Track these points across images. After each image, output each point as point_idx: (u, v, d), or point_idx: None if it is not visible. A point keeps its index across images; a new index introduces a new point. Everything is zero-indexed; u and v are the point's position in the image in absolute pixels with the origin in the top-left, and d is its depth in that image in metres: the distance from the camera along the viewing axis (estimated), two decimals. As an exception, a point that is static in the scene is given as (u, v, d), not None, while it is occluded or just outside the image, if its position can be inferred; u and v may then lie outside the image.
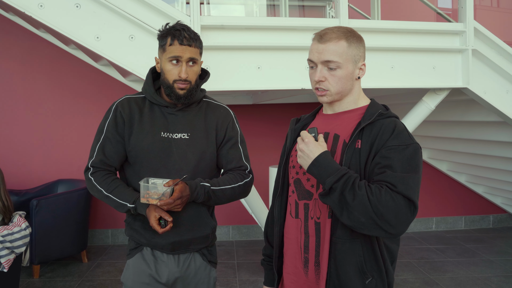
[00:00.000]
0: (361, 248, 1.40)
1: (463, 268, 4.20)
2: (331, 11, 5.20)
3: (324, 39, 1.45)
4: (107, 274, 4.06)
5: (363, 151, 1.40)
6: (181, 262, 1.80)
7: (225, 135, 1.83)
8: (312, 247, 1.47)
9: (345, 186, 1.32)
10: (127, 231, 1.85)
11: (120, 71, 4.14)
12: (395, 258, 1.49)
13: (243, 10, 5.47)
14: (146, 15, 2.75)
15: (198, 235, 1.79)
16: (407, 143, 1.37)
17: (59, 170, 4.82)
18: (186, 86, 1.69)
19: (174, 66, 1.69)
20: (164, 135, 1.74)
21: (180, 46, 1.67)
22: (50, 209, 3.91)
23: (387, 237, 1.41)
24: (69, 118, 4.87)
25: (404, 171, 1.33)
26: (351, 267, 1.40)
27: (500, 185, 5.01)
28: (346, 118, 1.50)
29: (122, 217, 4.99)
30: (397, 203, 1.29)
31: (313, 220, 1.47)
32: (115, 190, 1.72)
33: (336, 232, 1.41)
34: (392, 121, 1.43)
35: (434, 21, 3.80)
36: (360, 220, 1.31)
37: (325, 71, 1.45)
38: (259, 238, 5.23)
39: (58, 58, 4.80)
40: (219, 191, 1.74)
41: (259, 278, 3.98)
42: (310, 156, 1.39)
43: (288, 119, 5.23)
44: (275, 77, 2.89)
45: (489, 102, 3.20)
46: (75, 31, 2.69)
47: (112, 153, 1.75)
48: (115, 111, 1.78)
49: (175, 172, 1.72)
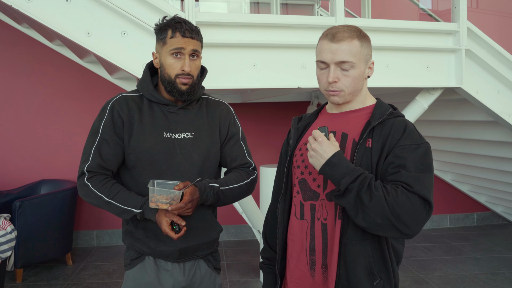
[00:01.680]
0: (370, 249, 1.38)
1: (451, 266, 4.24)
2: (319, 9, 5.18)
3: (337, 39, 1.41)
4: (94, 277, 3.95)
5: (374, 151, 1.37)
6: (187, 270, 1.71)
7: (228, 132, 1.75)
8: (319, 249, 1.44)
9: (361, 186, 1.29)
10: (127, 241, 1.71)
11: (107, 69, 4.03)
12: (401, 258, 1.47)
13: (226, 8, 5.41)
14: (139, 10, 2.67)
15: (206, 240, 1.72)
16: (418, 143, 1.36)
17: (42, 170, 4.68)
18: (189, 81, 1.60)
19: (176, 59, 1.59)
20: (167, 135, 1.64)
21: (182, 38, 1.58)
22: (34, 211, 3.78)
23: (402, 238, 1.39)
24: (52, 117, 4.73)
25: (418, 170, 1.32)
26: (361, 268, 1.37)
27: (485, 183, 5.09)
28: (353, 117, 1.47)
29: (107, 217, 4.88)
30: (414, 204, 1.27)
31: (320, 221, 1.44)
32: (117, 196, 1.58)
33: (347, 234, 1.38)
34: (402, 120, 1.41)
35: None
36: (376, 221, 1.28)
37: (338, 72, 1.42)
38: (247, 238, 5.19)
39: (41, 55, 4.66)
40: (228, 191, 1.65)
41: (249, 279, 3.93)
42: (324, 156, 1.35)
43: (277, 118, 5.21)
44: (271, 75, 2.85)
45: (481, 101, 3.23)
46: (65, 26, 2.59)
47: (110, 156, 1.61)
48: (111, 110, 1.64)
49: (180, 174, 1.63)
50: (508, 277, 3.92)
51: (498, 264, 4.27)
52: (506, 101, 3.35)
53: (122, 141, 1.63)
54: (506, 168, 4.36)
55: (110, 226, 4.91)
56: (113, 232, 4.93)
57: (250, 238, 5.19)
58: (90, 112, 4.78)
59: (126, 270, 1.72)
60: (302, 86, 2.88)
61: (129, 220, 1.68)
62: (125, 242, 1.72)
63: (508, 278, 3.89)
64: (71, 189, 4.09)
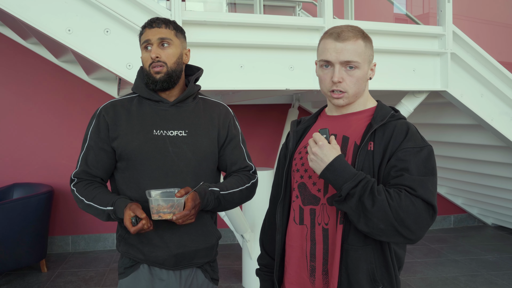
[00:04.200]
0: (372, 255, 1.34)
1: (431, 268, 4.28)
2: (300, 12, 5.17)
3: (342, 38, 1.38)
4: (70, 284, 3.80)
5: (376, 154, 1.34)
6: (183, 280, 1.63)
7: (228, 135, 1.69)
8: (320, 255, 1.39)
9: (363, 191, 1.26)
10: (120, 247, 1.64)
11: (85, 68, 3.90)
12: (402, 264, 1.44)
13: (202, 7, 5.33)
14: (122, 7, 2.57)
15: (203, 246, 1.64)
16: (421, 145, 1.33)
17: (14, 173, 4.49)
18: (162, 69, 1.57)
19: (147, 52, 1.60)
20: (157, 132, 1.58)
21: (149, 30, 1.60)
22: (6, 216, 3.61)
23: (405, 243, 1.36)
24: (25, 117, 4.54)
25: (421, 174, 1.29)
26: (363, 275, 1.33)
27: (462, 186, 5.17)
28: (354, 120, 1.44)
29: (83, 222, 4.73)
30: (418, 208, 1.25)
31: (321, 226, 1.39)
32: (96, 197, 1.55)
33: (348, 239, 1.34)
34: (404, 123, 1.39)
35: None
36: (379, 226, 1.25)
37: (343, 72, 1.38)
38: (228, 242, 5.12)
39: (15, 53, 4.48)
40: (229, 195, 1.60)
41: (231, 284, 3.87)
42: (325, 160, 1.31)
43: (258, 120, 5.16)
44: (258, 76, 2.79)
45: (465, 105, 3.26)
46: (44, 22, 2.46)
47: (95, 162, 1.60)
48: (98, 116, 1.63)
49: (172, 174, 1.56)
50: (487, 278, 3.97)
51: (477, 265, 4.33)
52: (489, 105, 3.39)
53: (108, 146, 1.60)
54: (484, 170, 4.44)
55: (86, 231, 4.75)
56: (89, 237, 4.77)
57: (231, 242, 5.12)
58: (65, 113, 4.62)
59: (119, 279, 1.64)
60: (290, 88, 2.83)
61: (122, 225, 1.62)
62: (119, 249, 1.65)
63: (487, 279, 3.95)
64: (46, 193, 3.93)
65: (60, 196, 4.61)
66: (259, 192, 1.90)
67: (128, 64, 2.58)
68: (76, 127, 4.59)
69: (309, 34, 2.90)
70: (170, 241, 1.58)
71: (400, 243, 1.36)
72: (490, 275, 4.06)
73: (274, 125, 5.17)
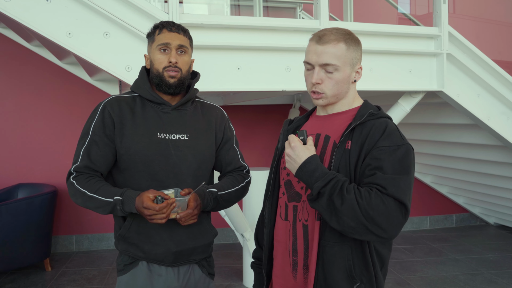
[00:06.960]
0: (350, 252, 1.37)
1: (431, 267, 4.30)
2: (301, 13, 5.20)
3: (323, 41, 1.41)
4: (73, 282, 3.87)
5: (352, 152, 1.36)
6: (181, 275, 1.68)
7: (223, 137, 1.77)
8: (301, 250, 1.44)
9: (333, 190, 1.29)
10: (120, 246, 1.68)
11: (88, 70, 3.96)
12: (385, 263, 1.45)
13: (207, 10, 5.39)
14: (122, 11, 2.62)
15: (201, 244, 1.70)
16: (398, 144, 1.35)
17: (19, 173, 4.56)
18: (177, 74, 1.62)
19: (164, 54, 1.63)
20: (160, 136, 1.63)
21: (169, 33, 1.63)
22: (11, 215, 3.68)
23: (379, 241, 1.38)
24: (30, 119, 4.62)
25: (395, 172, 1.30)
26: (339, 271, 1.37)
27: (463, 185, 5.17)
28: (338, 119, 1.47)
29: (87, 222, 4.79)
30: (388, 206, 1.26)
31: (301, 222, 1.44)
32: (100, 189, 1.55)
33: (325, 235, 1.38)
34: (384, 121, 1.40)
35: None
36: (349, 224, 1.28)
37: (322, 74, 1.42)
38: (230, 241, 5.16)
39: (19, 55, 4.55)
40: (226, 195, 1.67)
41: (232, 283, 3.91)
42: (297, 161, 1.36)
43: (259, 120, 5.20)
44: (255, 78, 2.83)
45: (462, 105, 3.28)
46: (45, 26, 2.52)
47: (99, 157, 1.60)
48: (102, 111, 1.63)
49: (174, 176, 1.61)
50: (487, 277, 3.99)
51: (477, 264, 4.34)
52: (485, 105, 3.42)
53: (112, 143, 1.62)
54: (484, 170, 4.45)
55: (90, 231, 4.82)
56: (93, 237, 4.84)
57: (232, 241, 5.16)
58: (69, 114, 4.69)
59: (118, 276, 1.69)
60: (286, 89, 2.87)
61: (121, 225, 1.66)
62: (118, 247, 1.69)
63: (487, 278, 3.96)
64: (49, 193, 4.00)
65: (64, 196, 4.68)
66: (259, 192, 1.96)
67: (127, 66, 2.63)
68: (79, 128, 4.59)
69: (305, 36, 2.92)
70: (169, 239, 1.63)
71: (375, 241, 1.38)
72: (490, 274, 4.07)
73: (275, 125, 5.21)
